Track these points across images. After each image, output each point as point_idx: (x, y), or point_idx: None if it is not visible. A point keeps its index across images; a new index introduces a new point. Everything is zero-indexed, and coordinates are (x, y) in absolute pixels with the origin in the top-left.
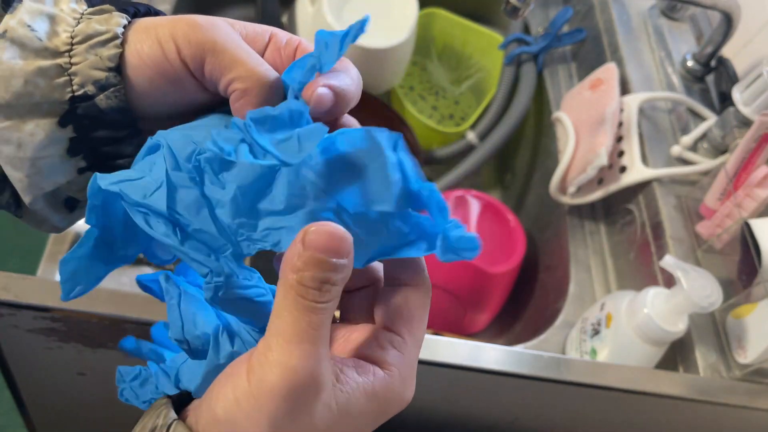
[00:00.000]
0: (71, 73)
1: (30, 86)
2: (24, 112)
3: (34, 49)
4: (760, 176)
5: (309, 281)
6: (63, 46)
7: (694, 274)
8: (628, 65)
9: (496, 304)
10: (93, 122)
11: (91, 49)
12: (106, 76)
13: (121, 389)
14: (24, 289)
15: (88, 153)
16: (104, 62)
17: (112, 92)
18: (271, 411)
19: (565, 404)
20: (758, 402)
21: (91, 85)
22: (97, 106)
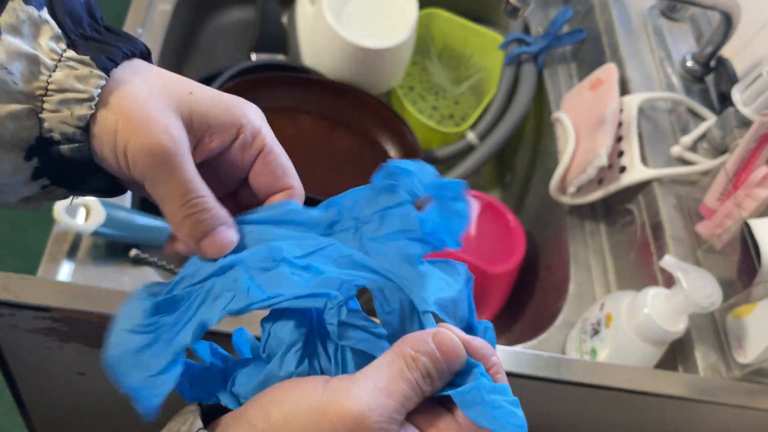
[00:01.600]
0: (42, 118)
1: (0, 129)
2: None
3: (8, 92)
4: (760, 176)
5: (421, 364)
6: (38, 90)
7: (694, 274)
8: (628, 65)
9: (496, 304)
10: (57, 161)
11: (65, 102)
12: (73, 132)
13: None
14: (24, 289)
15: (52, 175)
16: (74, 120)
17: (76, 146)
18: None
19: (565, 404)
20: (758, 402)
21: (57, 134)
22: (60, 152)
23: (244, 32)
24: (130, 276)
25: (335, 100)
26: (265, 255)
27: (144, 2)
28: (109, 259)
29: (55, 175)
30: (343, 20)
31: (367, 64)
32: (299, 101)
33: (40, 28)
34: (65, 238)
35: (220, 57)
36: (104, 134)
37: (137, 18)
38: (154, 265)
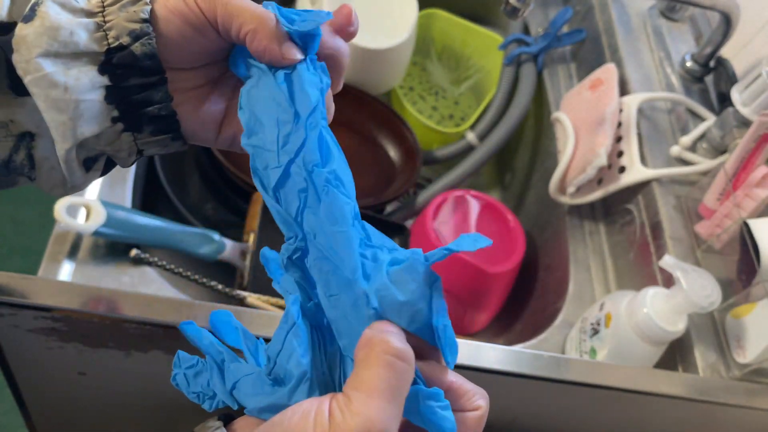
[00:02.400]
0: (107, 29)
1: (75, 36)
2: (68, 60)
3: (73, 10)
4: (759, 176)
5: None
6: (96, 7)
7: (694, 274)
8: (628, 65)
9: (496, 304)
10: (126, 70)
11: (123, 7)
12: (140, 27)
13: (175, 374)
14: (25, 289)
15: (121, 102)
16: (137, 15)
17: (145, 40)
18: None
19: (565, 404)
20: (757, 402)
21: (126, 36)
22: (132, 53)
23: None
24: (130, 276)
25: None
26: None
27: None
28: (110, 259)
29: (123, 104)
30: None
31: (368, 64)
32: None
33: None
34: (66, 238)
35: None
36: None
37: None
38: (154, 265)
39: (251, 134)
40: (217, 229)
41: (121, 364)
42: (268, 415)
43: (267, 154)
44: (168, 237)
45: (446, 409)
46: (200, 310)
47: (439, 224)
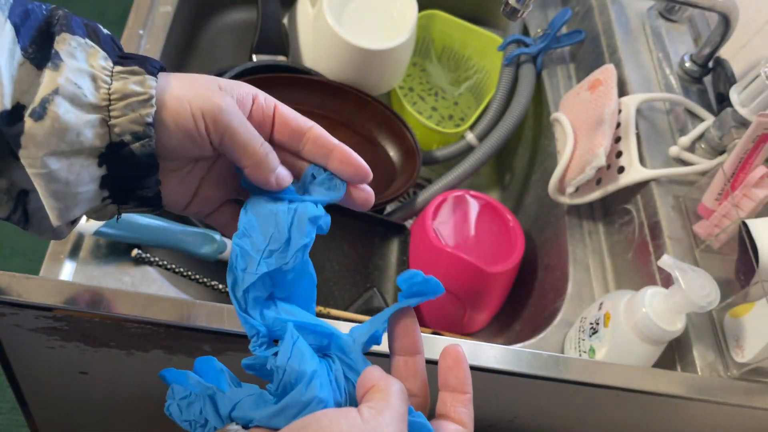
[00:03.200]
0: (111, 125)
1: (81, 137)
2: (71, 156)
3: (81, 105)
4: (758, 176)
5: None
6: (103, 101)
7: (692, 273)
8: (627, 66)
9: (495, 304)
10: (124, 163)
11: (129, 106)
12: (143, 130)
13: (168, 404)
14: (26, 288)
15: (113, 187)
16: (143, 118)
17: (146, 141)
18: None
19: (564, 403)
20: (756, 401)
21: (129, 135)
22: (132, 152)
23: (244, 33)
24: (131, 276)
25: (335, 100)
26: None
27: (145, 4)
28: (111, 258)
29: (115, 187)
30: (343, 21)
31: (368, 65)
32: (300, 102)
33: (89, 52)
34: (67, 238)
35: (220, 58)
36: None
37: (138, 19)
38: (155, 264)
39: (243, 236)
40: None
41: (122, 363)
42: (282, 418)
43: (249, 258)
44: (169, 237)
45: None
46: (201, 310)
47: (438, 224)
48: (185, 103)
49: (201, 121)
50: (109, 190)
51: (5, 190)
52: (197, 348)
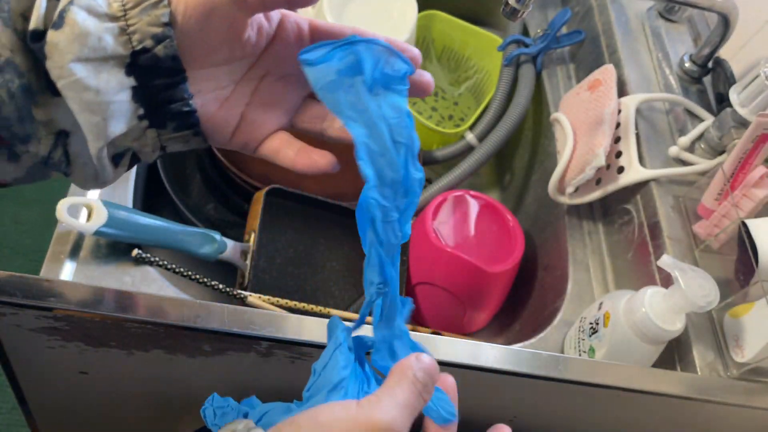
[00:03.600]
0: (130, 32)
1: (102, 42)
2: (98, 64)
3: (98, 15)
4: (757, 176)
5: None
6: (118, 12)
7: (692, 273)
8: (626, 66)
9: (495, 304)
10: (150, 71)
11: (144, 10)
12: (161, 30)
13: (205, 407)
14: (26, 288)
15: (146, 101)
16: (158, 19)
17: (167, 42)
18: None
19: (564, 402)
20: (755, 401)
21: (149, 39)
22: (155, 56)
23: None
24: (131, 276)
25: None
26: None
27: None
28: (111, 258)
29: (148, 102)
30: (343, 22)
31: None
32: None
33: None
34: (67, 238)
35: None
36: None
37: None
38: (155, 264)
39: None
40: (218, 229)
41: (122, 363)
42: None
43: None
44: (169, 237)
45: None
46: (201, 310)
47: (438, 224)
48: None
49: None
50: (143, 106)
51: (43, 123)
52: (197, 348)
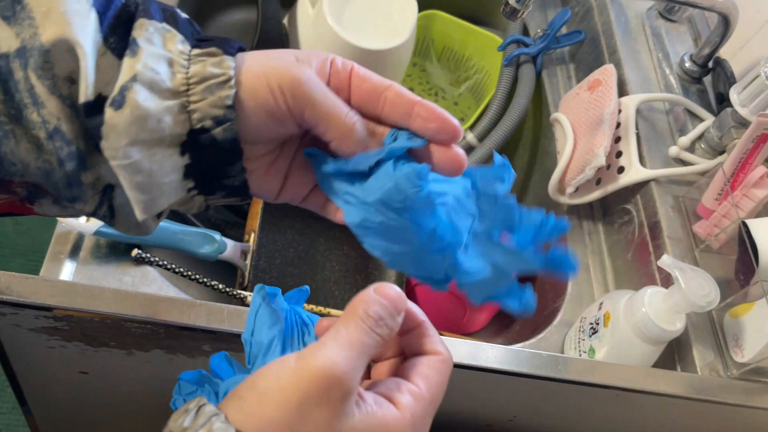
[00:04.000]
0: (190, 110)
1: (162, 124)
2: (153, 146)
3: (159, 91)
4: (757, 176)
5: (372, 313)
6: (181, 86)
7: (692, 273)
8: (626, 66)
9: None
10: (207, 151)
11: (208, 89)
12: (224, 113)
13: (174, 399)
14: (26, 288)
15: (197, 176)
16: (222, 101)
17: (228, 125)
18: (303, 389)
19: (564, 403)
20: (755, 400)
21: (209, 120)
22: (213, 137)
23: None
24: (131, 276)
25: None
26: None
27: None
28: (111, 258)
29: (200, 176)
30: (343, 21)
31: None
32: None
33: (166, 37)
34: (68, 238)
35: None
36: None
37: None
38: (155, 264)
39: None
40: (218, 229)
41: (122, 363)
42: None
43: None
44: (169, 237)
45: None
46: (201, 310)
47: None
48: (262, 78)
49: (280, 95)
50: (194, 180)
51: (91, 184)
52: (197, 348)
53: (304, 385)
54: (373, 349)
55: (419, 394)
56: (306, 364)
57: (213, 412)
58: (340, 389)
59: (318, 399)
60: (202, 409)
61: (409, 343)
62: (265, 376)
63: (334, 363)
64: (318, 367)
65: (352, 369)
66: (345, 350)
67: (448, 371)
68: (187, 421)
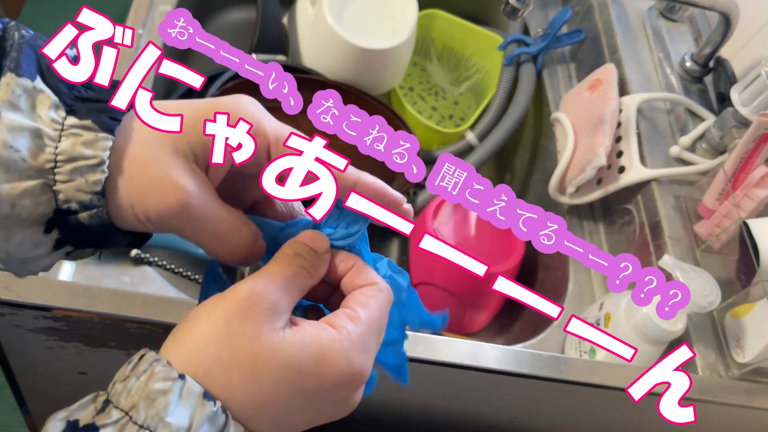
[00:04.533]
0: (56, 191)
1: (17, 208)
2: (10, 226)
3: (18, 171)
4: (759, 176)
5: (291, 248)
6: (47, 163)
7: (693, 273)
8: (627, 66)
9: (496, 304)
10: (77, 230)
11: (77, 170)
12: (90, 199)
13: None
14: (25, 288)
15: (75, 241)
16: (91, 186)
17: (95, 212)
18: (226, 310)
19: (564, 403)
20: (756, 401)
21: (75, 203)
22: (80, 222)
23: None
24: (130, 276)
25: None
26: None
27: (145, 3)
28: (110, 259)
29: (78, 241)
30: (343, 21)
31: (368, 64)
32: None
33: (37, 99)
34: None
35: None
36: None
37: (138, 19)
38: (154, 265)
39: None
40: None
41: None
42: None
43: None
44: (169, 237)
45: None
46: None
47: (439, 224)
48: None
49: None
50: (73, 245)
51: None
52: None
53: (226, 306)
54: (300, 279)
55: (355, 316)
56: (229, 292)
57: (154, 357)
58: (263, 304)
59: (242, 315)
60: (145, 357)
61: (347, 283)
62: (193, 312)
63: (254, 284)
64: (240, 290)
65: (274, 289)
66: (265, 276)
67: (385, 298)
68: (128, 369)
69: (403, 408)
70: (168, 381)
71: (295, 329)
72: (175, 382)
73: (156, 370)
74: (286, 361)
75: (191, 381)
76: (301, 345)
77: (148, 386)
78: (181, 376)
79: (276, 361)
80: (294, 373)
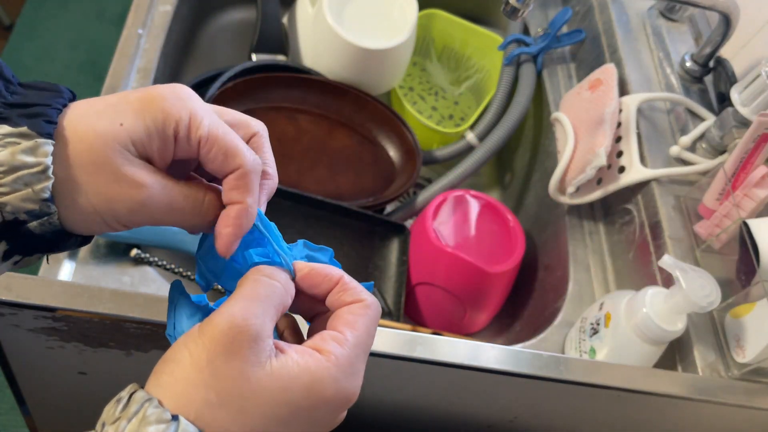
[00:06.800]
0: (1, 203)
1: None
2: None
3: None
4: (759, 176)
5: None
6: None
7: (693, 273)
8: (627, 66)
9: (496, 304)
10: (26, 240)
11: (20, 180)
12: (39, 207)
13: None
14: (25, 288)
15: (24, 252)
16: (37, 195)
17: (46, 220)
18: (209, 348)
19: (565, 403)
20: (756, 401)
21: (23, 213)
22: (29, 230)
23: (244, 33)
24: (130, 276)
25: (335, 100)
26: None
27: (144, 3)
28: (110, 259)
29: (27, 249)
30: (343, 21)
31: (368, 64)
32: (299, 101)
33: None
34: None
35: (220, 57)
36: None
37: (138, 19)
38: (154, 264)
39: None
40: None
41: (121, 363)
42: None
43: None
44: (168, 237)
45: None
46: None
47: (438, 224)
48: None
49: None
50: (22, 254)
51: None
52: None
53: (208, 343)
54: (275, 299)
55: (342, 339)
56: (207, 325)
57: (144, 398)
58: (245, 337)
59: (225, 352)
60: (134, 396)
61: (333, 301)
62: (174, 348)
63: (231, 315)
64: (218, 323)
65: (252, 316)
66: (240, 302)
67: (372, 314)
68: (118, 410)
69: (403, 408)
70: (162, 423)
71: (282, 359)
72: (169, 425)
73: (148, 412)
74: (276, 397)
75: (185, 422)
76: (290, 378)
77: (141, 430)
78: (174, 417)
79: (265, 398)
80: (284, 407)
